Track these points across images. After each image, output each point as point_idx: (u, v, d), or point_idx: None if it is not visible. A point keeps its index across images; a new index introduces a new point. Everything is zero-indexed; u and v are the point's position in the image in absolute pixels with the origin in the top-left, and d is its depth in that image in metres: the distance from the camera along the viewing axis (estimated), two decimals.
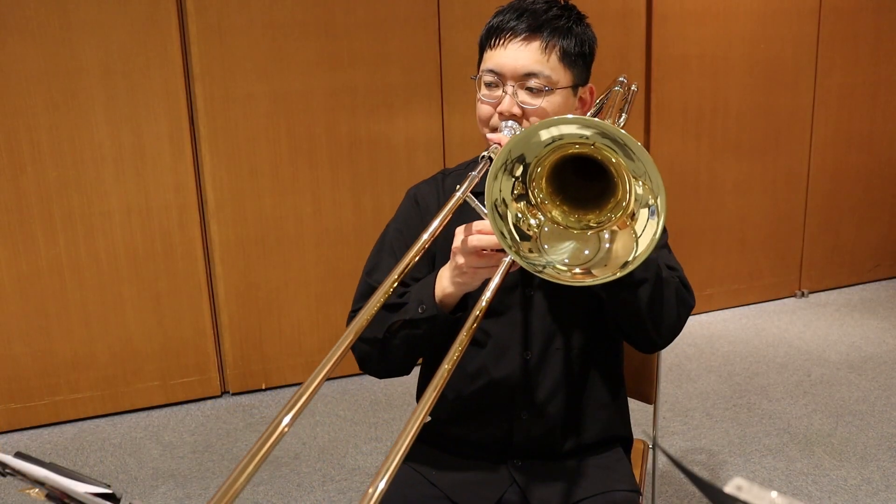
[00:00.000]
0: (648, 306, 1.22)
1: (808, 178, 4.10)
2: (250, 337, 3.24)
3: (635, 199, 1.04)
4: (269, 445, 0.77)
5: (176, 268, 3.08)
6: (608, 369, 1.46)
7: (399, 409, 3.08)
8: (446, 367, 0.99)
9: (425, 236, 1.11)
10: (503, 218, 1.08)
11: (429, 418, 1.54)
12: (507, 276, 1.16)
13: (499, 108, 1.32)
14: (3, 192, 2.83)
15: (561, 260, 1.09)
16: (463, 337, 1.06)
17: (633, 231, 1.05)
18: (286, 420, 0.79)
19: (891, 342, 3.61)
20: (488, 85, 1.33)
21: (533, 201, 1.10)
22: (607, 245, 1.08)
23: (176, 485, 2.60)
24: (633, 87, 1.66)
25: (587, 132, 1.01)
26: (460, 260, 1.19)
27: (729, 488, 0.54)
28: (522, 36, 1.29)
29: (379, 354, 1.33)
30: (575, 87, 1.34)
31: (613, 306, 1.29)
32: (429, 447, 1.47)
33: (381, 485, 0.78)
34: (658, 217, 1.01)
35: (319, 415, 3.07)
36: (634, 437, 1.60)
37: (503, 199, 1.08)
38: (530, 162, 1.07)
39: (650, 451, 1.77)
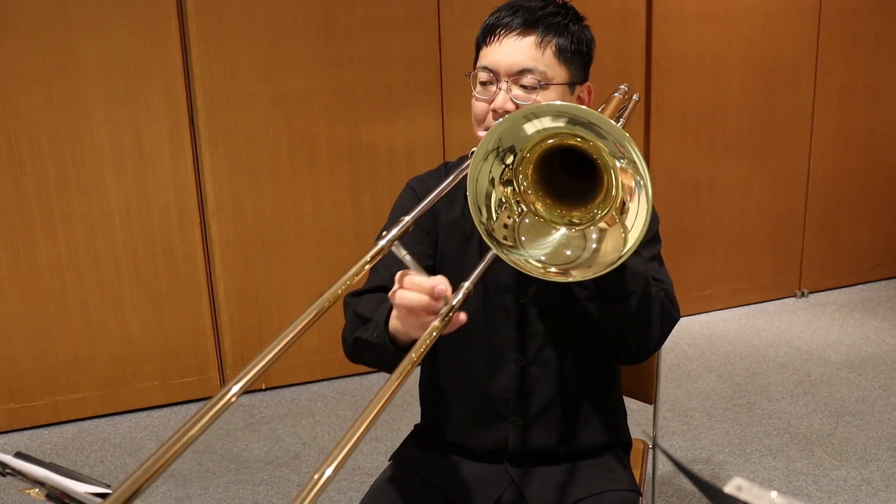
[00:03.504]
0: (633, 321, 1.21)
1: (808, 178, 4.10)
2: (250, 337, 3.24)
3: (623, 189, 1.01)
4: (212, 415, 0.75)
5: (176, 268, 3.08)
6: (603, 374, 1.45)
7: (399, 408, 3.08)
8: (413, 357, 0.92)
9: (415, 212, 1.08)
10: (487, 197, 1.05)
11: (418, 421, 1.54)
12: (488, 267, 1.10)
13: (493, 105, 1.30)
14: (3, 192, 2.83)
15: (537, 256, 1.06)
16: (437, 325, 0.99)
17: (622, 227, 1.02)
18: (235, 389, 0.78)
19: (891, 342, 3.61)
20: (483, 83, 1.32)
21: (517, 189, 1.08)
22: (594, 245, 1.05)
23: (176, 485, 2.60)
24: (635, 97, 1.62)
25: (560, 122, 1.00)
26: (395, 311, 1.10)
27: (729, 488, 0.54)
28: (517, 31, 1.28)
29: (355, 353, 1.30)
30: (572, 85, 1.33)
31: (598, 318, 1.26)
32: (426, 449, 1.47)
33: (329, 471, 0.76)
34: (646, 192, 0.97)
35: (319, 415, 3.07)
36: (634, 437, 1.60)
37: (492, 179, 1.06)
38: (518, 151, 1.05)
39: (650, 451, 1.77)
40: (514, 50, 1.28)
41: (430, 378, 1.50)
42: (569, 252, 1.06)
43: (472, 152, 1.23)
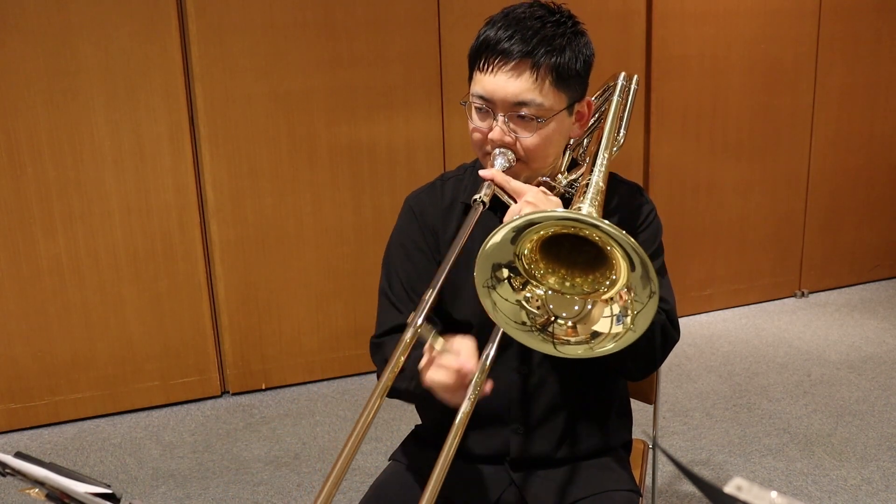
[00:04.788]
0: (633, 351, 1.18)
1: (808, 178, 4.10)
2: (250, 337, 3.24)
3: (618, 284, 1.06)
4: None
5: (176, 268, 3.08)
6: (606, 381, 1.44)
7: (399, 408, 3.08)
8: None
9: (439, 279, 1.14)
10: (517, 320, 1.10)
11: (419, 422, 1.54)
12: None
13: (490, 136, 1.26)
14: (3, 192, 2.83)
15: (562, 314, 1.12)
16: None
17: (605, 312, 1.08)
18: None
19: (891, 342, 3.61)
20: (479, 110, 1.28)
21: (530, 276, 1.11)
22: (589, 307, 1.10)
23: (176, 485, 2.60)
24: (634, 85, 1.54)
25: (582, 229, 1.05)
26: (429, 385, 1.17)
27: (729, 488, 0.54)
28: (513, 63, 1.22)
29: (393, 396, 1.32)
30: (570, 107, 1.29)
31: None
32: (426, 449, 1.47)
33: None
34: (623, 328, 1.05)
35: (319, 415, 3.07)
36: (634, 437, 1.60)
37: (510, 302, 1.09)
38: (512, 259, 1.08)
39: (650, 451, 1.77)
40: (510, 83, 1.23)
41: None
42: (576, 308, 1.11)
43: (474, 200, 1.22)
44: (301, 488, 2.56)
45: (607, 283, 1.07)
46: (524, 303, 1.09)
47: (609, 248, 1.03)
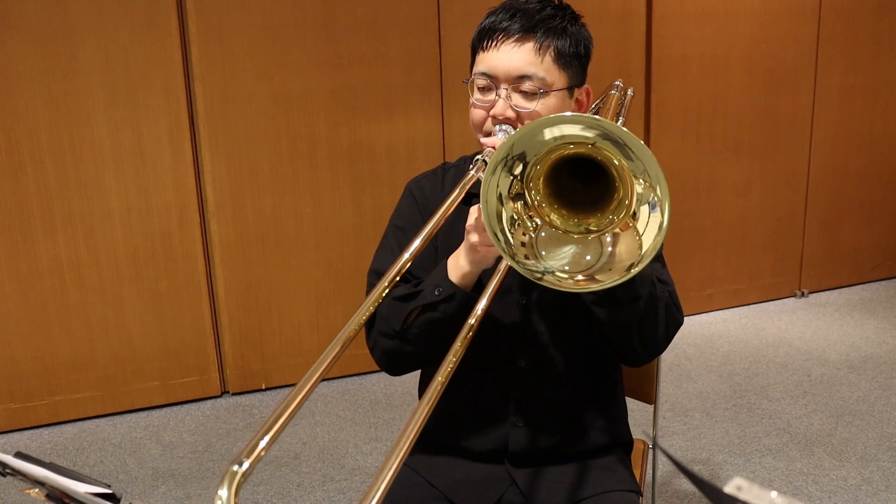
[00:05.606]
0: (639, 323, 1.20)
1: (808, 178, 4.11)
2: (250, 337, 3.24)
3: (637, 199, 1.00)
4: None
5: (176, 268, 3.08)
6: (605, 376, 1.44)
7: (399, 409, 3.08)
8: (440, 379, 0.97)
9: (426, 230, 1.10)
10: (498, 218, 1.04)
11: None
12: (503, 279, 1.15)
13: (492, 112, 1.28)
14: (3, 192, 2.83)
15: (561, 266, 1.05)
16: (457, 347, 1.04)
17: (635, 231, 1.01)
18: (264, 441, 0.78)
19: (891, 342, 3.61)
20: (481, 88, 1.30)
21: (530, 203, 1.06)
22: (609, 249, 1.04)
23: (176, 485, 2.60)
24: (630, 92, 1.61)
25: (590, 133, 0.98)
26: (474, 238, 1.18)
27: (729, 488, 0.54)
28: (515, 37, 1.26)
29: (399, 346, 1.30)
30: (571, 89, 1.31)
31: (605, 322, 1.24)
32: (426, 449, 1.47)
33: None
34: (661, 211, 0.97)
35: (319, 415, 3.07)
36: (634, 437, 1.60)
37: (499, 196, 1.04)
38: (530, 160, 1.03)
39: (650, 451, 1.77)
40: (513, 56, 1.26)
41: (429, 379, 1.50)
42: (588, 257, 1.06)
43: (476, 159, 1.23)
44: (301, 488, 2.56)
45: (623, 208, 1.02)
46: (505, 218, 1.04)
47: (617, 162, 0.99)
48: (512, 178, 1.05)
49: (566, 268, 1.05)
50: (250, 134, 3.06)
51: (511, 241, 1.05)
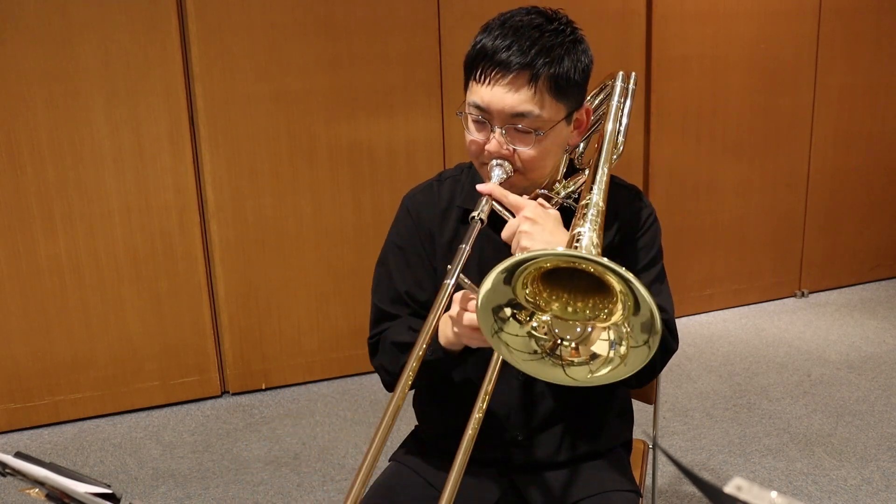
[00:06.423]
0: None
1: (808, 178, 4.10)
2: (250, 337, 3.24)
3: (615, 316, 1.03)
4: None
5: (176, 268, 3.08)
6: (609, 385, 1.44)
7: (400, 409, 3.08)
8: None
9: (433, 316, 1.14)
10: (529, 341, 1.07)
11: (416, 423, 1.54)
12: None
13: (487, 148, 1.24)
14: (3, 192, 2.83)
15: (566, 336, 1.09)
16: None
17: (604, 335, 1.05)
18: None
19: (891, 342, 3.61)
20: (476, 121, 1.25)
21: (533, 306, 1.08)
22: (589, 329, 1.07)
23: (176, 485, 2.60)
24: (632, 85, 1.51)
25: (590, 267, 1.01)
26: (455, 329, 1.20)
27: (729, 488, 0.54)
28: (511, 76, 1.19)
29: (396, 380, 1.30)
30: (569, 116, 1.27)
31: None
32: (425, 450, 1.47)
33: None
34: (621, 353, 1.03)
35: (319, 415, 3.07)
36: (634, 437, 1.60)
37: (520, 336, 1.07)
38: (512, 297, 1.05)
39: (650, 451, 1.77)
40: (508, 96, 1.20)
41: (427, 393, 1.49)
42: (577, 329, 1.09)
43: (471, 217, 1.19)
44: (301, 488, 2.56)
45: (605, 311, 1.06)
46: (533, 332, 1.07)
47: (607, 278, 1.01)
48: (512, 317, 1.07)
49: (568, 337, 1.09)
50: (250, 134, 3.06)
51: (549, 345, 1.09)
